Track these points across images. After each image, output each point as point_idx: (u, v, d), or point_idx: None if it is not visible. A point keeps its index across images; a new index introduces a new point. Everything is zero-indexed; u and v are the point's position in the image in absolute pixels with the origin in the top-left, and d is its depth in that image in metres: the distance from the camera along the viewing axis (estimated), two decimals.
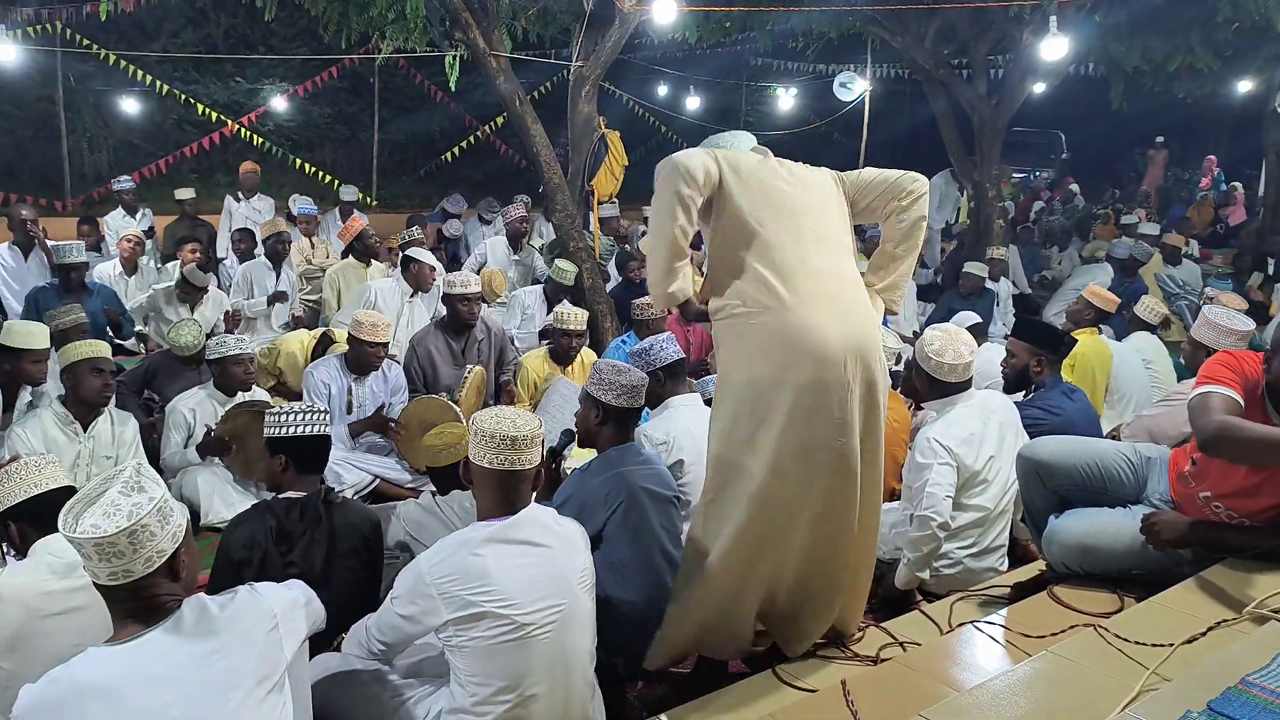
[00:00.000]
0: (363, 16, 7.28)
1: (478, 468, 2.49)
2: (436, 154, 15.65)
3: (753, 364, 2.64)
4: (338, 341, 5.75)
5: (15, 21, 10.60)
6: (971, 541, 3.63)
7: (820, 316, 2.63)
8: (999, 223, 9.82)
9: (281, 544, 2.88)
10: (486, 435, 2.45)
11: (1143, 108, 12.54)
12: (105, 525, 1.79)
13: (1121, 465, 3.14)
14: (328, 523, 2.97)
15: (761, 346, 2.63)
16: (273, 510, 2.94)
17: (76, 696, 1.76)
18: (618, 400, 3.14)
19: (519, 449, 2.45)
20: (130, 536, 1.81)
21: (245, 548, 2.85)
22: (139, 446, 4.44)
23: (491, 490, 2.49)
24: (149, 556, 1.84)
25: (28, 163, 13.85)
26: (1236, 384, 2.62)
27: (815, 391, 2.58)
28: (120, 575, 1.82)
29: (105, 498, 1.84)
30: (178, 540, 1.91)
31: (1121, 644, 2.36)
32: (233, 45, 14.91)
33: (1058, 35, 7.75)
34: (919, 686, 2.50)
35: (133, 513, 1.82)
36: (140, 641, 1.85)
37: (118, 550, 1.80)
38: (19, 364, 4.42)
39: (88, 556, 1.82)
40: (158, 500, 1.87)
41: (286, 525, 2.91)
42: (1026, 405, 4.12)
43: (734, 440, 2.69)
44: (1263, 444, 2.45)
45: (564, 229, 7.19)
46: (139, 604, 1.87)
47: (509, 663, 2.36)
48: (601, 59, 7.19)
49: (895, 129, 19.58)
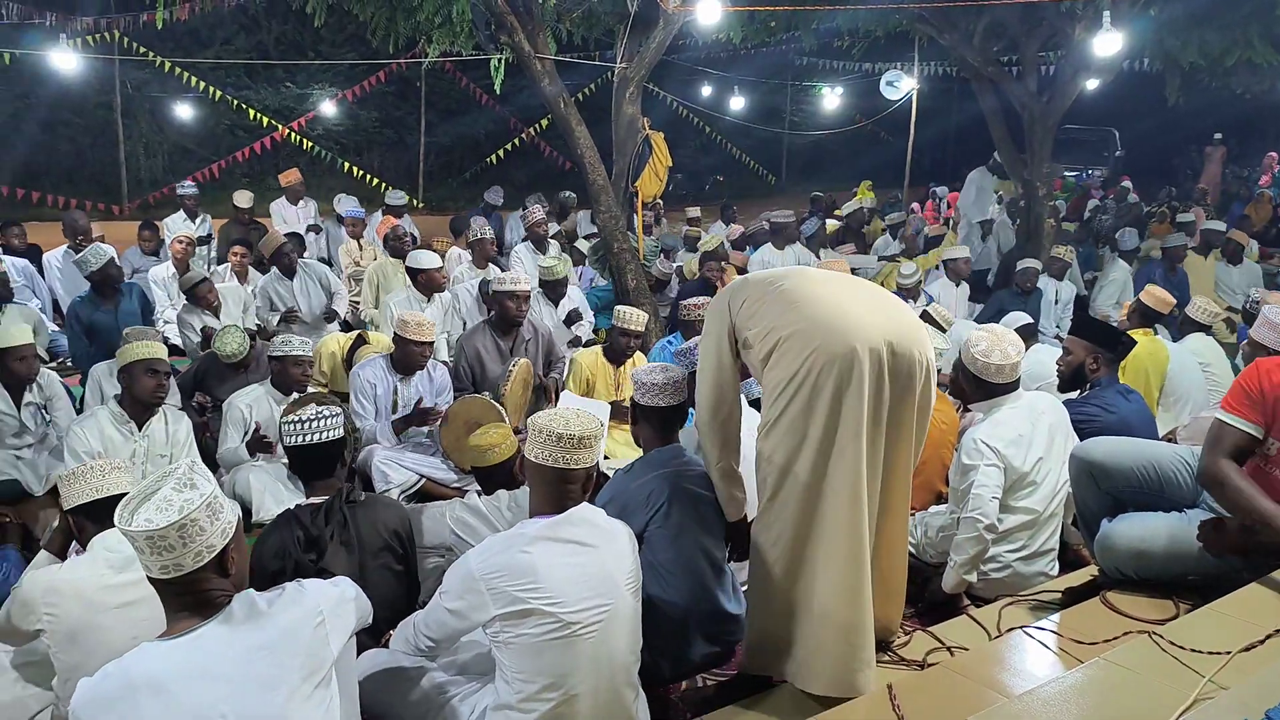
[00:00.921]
0: (410, 21, 7.36)
1: (532, 463, 2.51)
2: (482, 156, 15.81)
3: (787, 361, 2.63)
4: (370, 343, 5.81)
5: (75, 31, 10.91)
6: (1020, 545, 3.57)
7: (846, 305, 2.66)
8: (1050, 222, 9.66)
9: (310, 551, 2.92)
10: (545, 432, 2.48)
11: (1199, 104, 12.26)
12: (157, 519, 1.85)
13: (1179, 468, 3.07)
14: (353, 524, 3.00)
15: (795, 343, 2.62)
16: (298, 518, 2.97)
17: (130, 691, 1.81)
18: (653, 400, 3.16)
19: (575, 448, 2.47)
20: (180, 531, 1.85)
21: (277, 558, 2.90)
22: (192, 445, 4.53)
23: (544, 487, 2.51)
24: (199, 551, 1.88)
25: (86, 168, 14.26)
26: (1255, 413, 2.77)
27: (840, 378, 2.56)
28: (171, 569, 1.87)
29: (159, 494, 1.89)
30: (227, 536, 1.95)
31: (1177, 651, 2.31)
32: (283, 51, 15.21)
33: (1111, 30, 7.61)
34: (966, 692, 2.47)
35: (184, 508, 1.87)
36: (192, 637, 1.89)
37: (168, 544, 1.85)
38: (5, 362, 4.57)
39: (141, 550, 1.87)
40: (208, 496, 1.91)
41: (313, 532, 2.94)
42: (1081, 403, 4.05)
43: (778, 455, 2.68)
44: (1242, 506, 2.72)
45: (608, 230, 7.21)
46: (190, 599, 1.91)
47: (554, 661, 2.37)
48: (645, 60, 7.20)
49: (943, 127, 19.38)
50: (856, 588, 2.66)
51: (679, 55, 14.78)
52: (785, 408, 2.63)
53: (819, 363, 2.56)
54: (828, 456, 2.61)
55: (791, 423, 2.62)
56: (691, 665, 3.09)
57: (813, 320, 2.62)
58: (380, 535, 3.05)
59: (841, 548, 2.65)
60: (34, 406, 4.74)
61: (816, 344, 2.57)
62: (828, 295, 2.70)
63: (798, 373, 2.59)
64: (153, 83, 13.88)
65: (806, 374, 2.58)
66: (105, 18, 11.15)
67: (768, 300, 2.76)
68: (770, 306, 2.74)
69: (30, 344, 4.70)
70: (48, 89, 13.13)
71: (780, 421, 2.64)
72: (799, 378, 2.59)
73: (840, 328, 2.59)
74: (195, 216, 9.14)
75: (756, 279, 2.90)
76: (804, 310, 2.65)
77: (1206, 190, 15.27)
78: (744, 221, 11.52)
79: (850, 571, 2.65)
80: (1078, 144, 17.06)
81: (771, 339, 2.67)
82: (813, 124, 21.38)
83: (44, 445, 4.77)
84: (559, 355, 5.97)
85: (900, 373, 2.64)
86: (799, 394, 2.59)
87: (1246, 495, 2.70)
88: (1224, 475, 2.75)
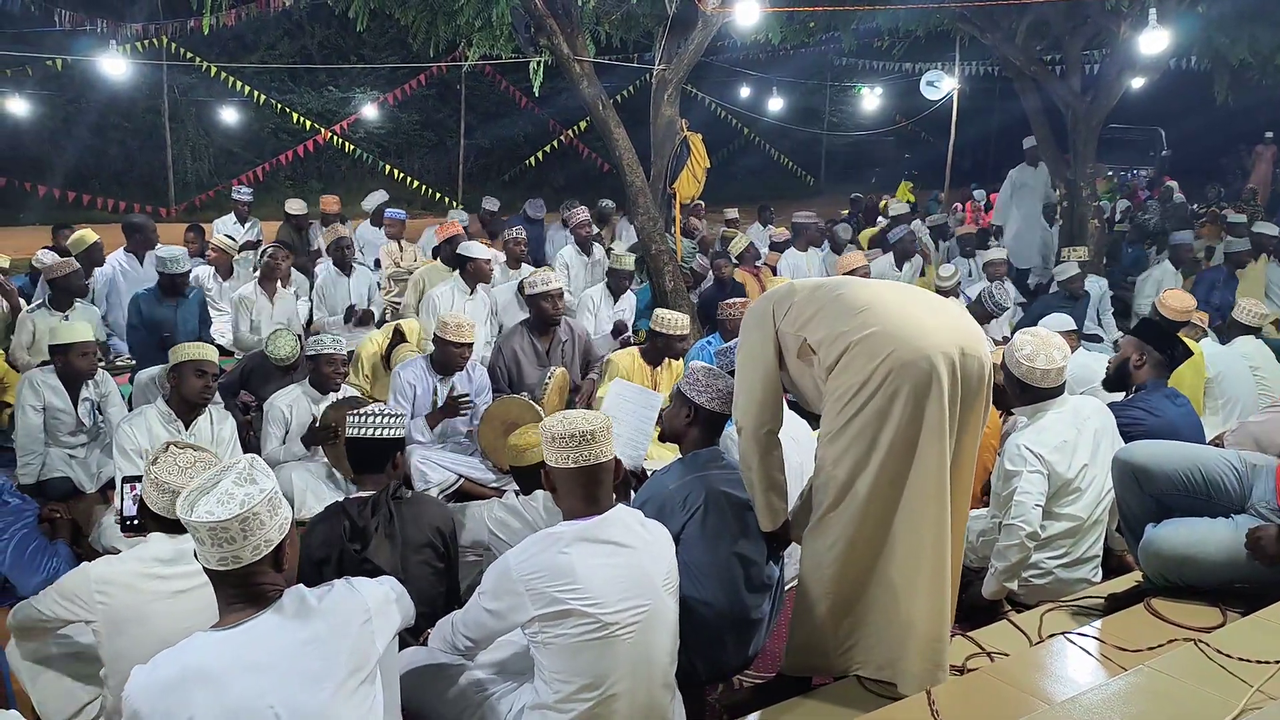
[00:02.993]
0: (450, 25, 7.43)
1: (558, 470, 2.52)
2: (521, 159, 15.90)
3: (858, 366, 2.59)
4: (409, 339, 5.87)
5: (124, 37, 11.13)
6: (1063, 551, 3.53)
7: (914, 310, 2.63)
8: (1094, 222, 9.52)
9: (355, 541, 3.00)
10: (560, 437, 2.49)
11: (1249, 102, 12.01)
12: (219, 511, 1.90)
13: (1226, 472, 3.01)
14: (399, 519, 3.07)
15: (867, 348, 2.58)
16: (346, 510, 3.06)
17: (181, 681, 1.86)
18: (711, 404, 3.15)
19: (594, 443, 2.49)
20: (242, 523, 1.91)
21: (324, 546, 3.00)
22: (237, 444, 4.61)
23: (576, 490, 2.52)
24: (257, 544, 1.94)
25: (135, 171, 14.55)
26: None
27: (917, 383, 2.52)
28: (230, 561, 1.92)
29: (219, 487, 1.94)
30: (284, 532, 2.01)
31: (1224, 660, 2.27)
32: (326, 55, 15.42)
33: (1158, 28, 7.48)
34: (1007, 698, 2.45)
35: (245, 501, 1.92)
36: (245, 628, 1.94)
37: (229, 536, 1.90)
38: (69, 358, 4.71)
39: (201, 541, 1.92)
40: (268, 492, 1.97)
41: (359, 523, 3.02)
42: (1126, 405, 3.99)
43: (845, 461, 2.64)
44: None
45: (646, 232, 7.22)
46: (245, 590, 1.96)
47: (592, 661, 2.38)
48: (684, 62, 7.21)
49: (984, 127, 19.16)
50: (940, 594, 2.64)
51: (717, 57, 14.78)
52: (856, 414, 2.58)
53: (894, 368, 2.52)
54: (906, 463, 2.58)
55: (862, 429, 2.58)
56: (727, 667, 3.10)
57: (886, 326, 2.57)
58: (424, 532, 3.11)
59: (927, 555, 2.62)
60: (89, 403, 4.86)
61: (891, 349, 2.53)
62: (894, 301, 2.67)
63: (870, 379, 2.55)
64: (199, 87, 14.13)
65: (882, 380, 2.53)
66: (153, 24, 11.38)
67: (828, 307, 2.72)
68: (832, 313, 2.69)
69: (93, 340, 4.88)
70: (98, 94, 13.43)
71: (849, 428, 2.60)
72: (872, 384, 2.55)
73: (914, 333, 2.55)
74: (245, 220, 9.28)
75: (805, 286, 2.87)
76: (874, 316, 2.60)
77: (1256, 190, 14.95)
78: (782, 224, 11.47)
79: (935, 580, 2.63)
80: (1123, 144, 16.79)
81: (840, 345, 2.62)
82: (852, 125, 21.24)
83: (96, 443, 4.89)
84: (596, 356, 6.00)
85: (971, 377, 2.61)
86: (872, 400, 2.55)
87: None
88: None
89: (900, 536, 2.64)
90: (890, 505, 2.63)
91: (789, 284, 2.94)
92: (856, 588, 2.73)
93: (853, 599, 2.74)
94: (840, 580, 2.72)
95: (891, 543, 2.66)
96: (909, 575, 2.64)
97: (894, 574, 2.67)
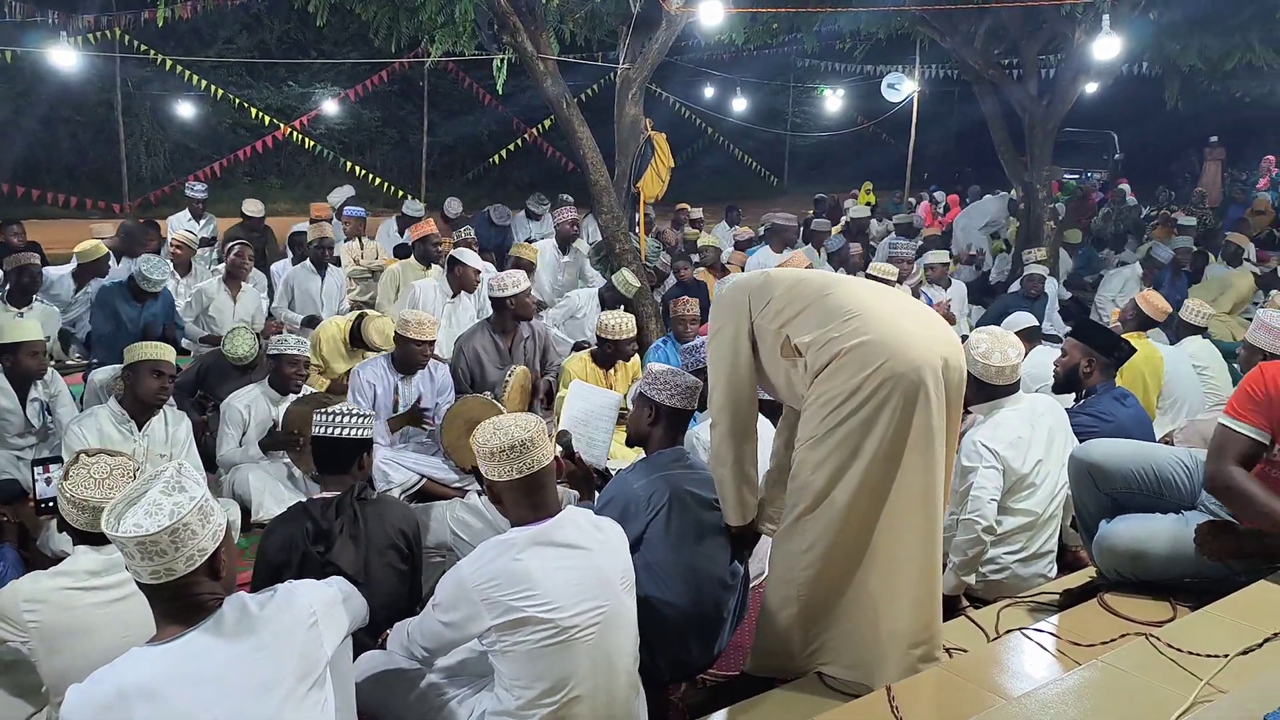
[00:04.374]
0: (412, 21, 7.37)
1: (500, 484, 2.48)
2: (484, 157, 15.80)
3: (847, 373, 2.57)
4: (371, 322, 5.82)
5: (76, 29, 10.89)
6: (1019, 546, 3.58)
7: (902, 319, 2.62)
8: (1049, 224, 9.68)
9: (319, 544, 2.93)
10: (497, 451, 2.44)
11: (1198, 107, 12.28)
12: (147, 524, 1.82)
13: (1177, 469, 3.07)
14: (362, 520, 3.01)
15: (858, 356, 2.56)
16: (308, 511, 2.99)
17: (121, 697, 1.79)
18: (672, 400, 3.15)
19: (531, 449, 2.44)
20: (172, 535, 1.83)
21: (283, 550, 2.90)
22: (192, 445, 4.54)
23: (521, 500, 2.48)
24: (190, 555, 1.86)
25: (87, 166, 14.24)
26: (1261, 418, 2.73)
27: (906, 394, 2.52)
28: (163, 574, 1.85)
29: (147, 498, 1.87)
30: (218, 539, 1.93)
31: (1174, 654, 2.31)
32: (285, 50, 15.20)
33: (1111, 34, 7.62)
34: (965, 694, 2.47)
35: (174, 512, 1.84)
36: (183, 641, 1.87)
37: (160, 549, 1.83)
38: (17, 356, 4.61)
39: (130, 555, 1.84)
40: (198, 500, 1.89)
41: (323, 525, 2.95)
42: (1076, 412, 4.05)
43: (826, 467, 2.62)
44: (1256, 509, 2.69)
45: (610, 231, 7.21)
46: (181, 603, 1.89)
47: (553, 666, 2.37)
48: (648, 61, 7.21)
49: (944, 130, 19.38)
50: (930, 604, 2.66)
51: (681, 56, 14.78)
52: (842, 421, 2.56)
53: (885, 379, 2.50)
54: (890, 474, 2.57)
55: (846, 436, 2.56)
56: (691, 666, 3.11)
57: (879, 335, 2.54)
58: (387, 533, 3.06)
59: (914, 564, 2.63)
60: (39, 404, 4.76)
61: (883, 360, 2.51)
62: (886, 311, 2.64)
63: (860, 387, 2.53)
64: (154, 81, 13.87)
65: (873, 390, 2.52)
66: (106, 15, 11.13)
67: (814, 307, 2.68)
68: (820, 314, 2.65)
69: (43, 340, 4.78)
70: (48, 87, 13.12)
71: (833, 435, 2.58)
72: (862, 393, 2.53)
73: (905, 344, 2.54)
74: (200, 217, 9.15)
75: (782, 280, 2.82)
76: (865, 324, 2.57)
77: (1205, 193, 15.29)
78: (748, 223, 11.52)
79: (923, 587, 2.64)
80: (1078, 147, 17.07)
81: (830, 350, 2.58)
82: (815, 126, 21.37)
83: (46, 444, 4.78)
84: (556, 355, 5.99)
85: (953, 386, 2.63)
86: (861, 410, 2.53)
87: (1259, 499, 2.67)
88: (1232, 480, 2.72)
89: (881, 546, 2.63)
90: (871, 515, 2.62)
91: (764, 274, 2.89)
92: (832, 595, 2.72)
93: (827, 605, 2.73)
94: (815, 585, 2.71)
95: (873, 551, 2.65)
96: (890, 585, 2.64)
97: (874, 584, 2.65)
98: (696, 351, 4.39)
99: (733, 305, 2.86)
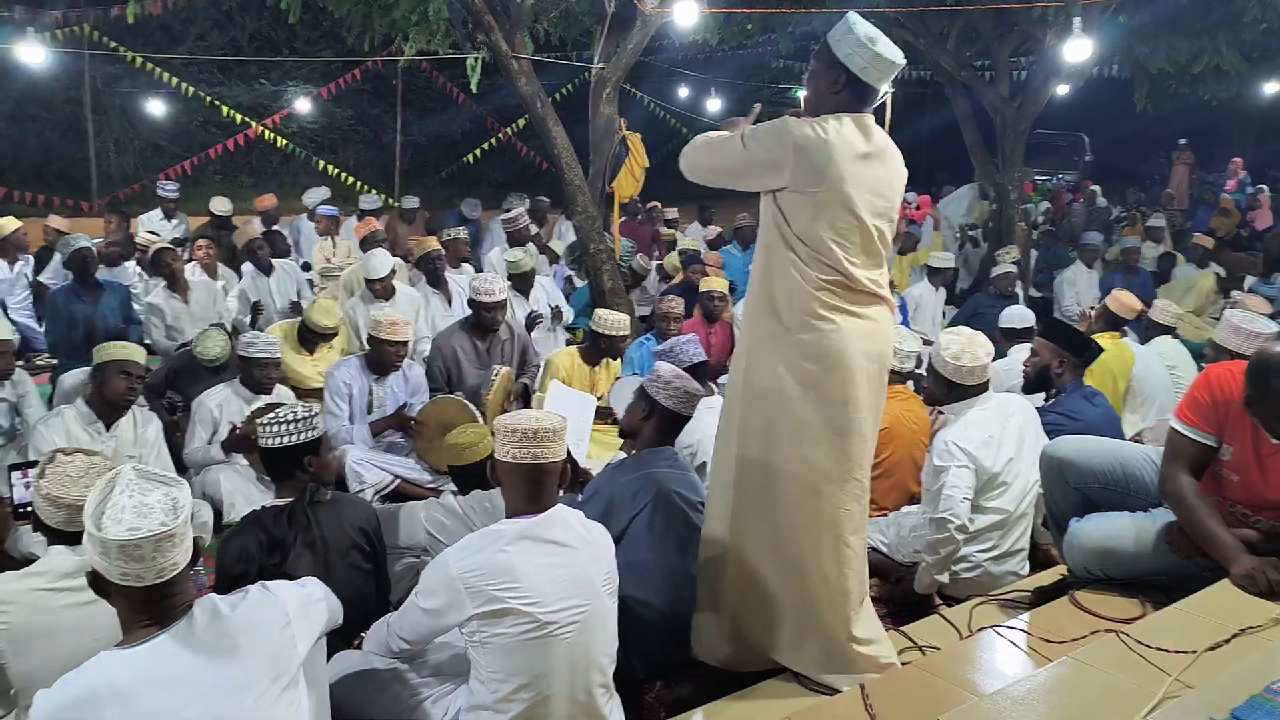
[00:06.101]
0: (386, 19, 7.31)
1: (505, 464, 2.50)
2: (458, 156, 15.72)
3: (785, 376, 2.70)
4: (310, 307, 5.71)
5: (44, 24, 10.72)
6: (991, 545, 3.61)
7: (860, 342, 2.70)
8: (1021, 225, 9.76)
9: (274, 555, 2.87)
10: (511, 430, 2.47)
11: (1168, 110, 12.42)
12: (142, 526, 1.80)
13: (1145, 467, 3.11)
14: (317, 525, 2.97)
15: (803, 361, 2.68)
16: (260, 522, 2.93)
17: (91, 700, 1.77)
18: (669, 402, 3.18)
19: (544, 442, 2.46)
20: (156, 543, 1.80)
21: (240, 562, 2.86)
22: (162, 446, 4.48)
23: (519, 486, 2.50)
24: (162, 568, 1.83)
25: (55, 164, 14.03)
26: (1207, 422, 2.81)
27: (841, 408, 2.69)
28: (131, 579, 1.82)
29: (150, 498, 1.84)
30: (188, 557, 1.90)
31: (1144, 650, 2.34)
32: (257, 48, 15.05)
33: (1081, 37, 7.69)
34: (938, 691, 2.49)
35: (166, 521, 1.82)
36: (154, 644, 1.84)
37: (140, 555, 1.80)
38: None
39: (106, 554, 1.80)
40: (185, 516, 1.87)
41: (276, 535, 2.90)
42: (1046, 411, 4.09)
43: (767, 449, 2.75)
44: (1193, 527, 2.77)
45: (584, 231, 7.20)
46: (152, 606, 1.86)
47: (530, 661, 2.37)
48: (623, 61, 7.20)
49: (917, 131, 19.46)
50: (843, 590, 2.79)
51: (656, 57, 14.79)
52: (772, 421, 2.72)
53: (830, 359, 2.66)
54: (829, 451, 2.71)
55: (780, 441, 2.72)
56: (666, 665, 3.11)
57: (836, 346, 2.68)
58: (347, 534, 3.02)
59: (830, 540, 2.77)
60: (6, 404, 4.68)
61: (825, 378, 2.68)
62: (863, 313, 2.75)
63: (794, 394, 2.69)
64: (124, 78, 13.69)
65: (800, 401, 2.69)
66: (75, 11, 10.98)
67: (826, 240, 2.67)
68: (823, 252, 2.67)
69: (10, 340, 4.73)
70: (15, 83, 12.92)
71: (771, 434, 2.74)
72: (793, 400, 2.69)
73: (851, 367, 2.69)
74: (172, 216, 9.03)
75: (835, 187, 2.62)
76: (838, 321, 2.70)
77: (1174, 195, 15.48)
78: (721, 222, 11.54)
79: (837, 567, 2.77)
80: (1049, 149, 17.24)
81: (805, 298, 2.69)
82: None
83: (14, 445, 4.70)
84: (534, 355, 5.97)
85: (885, 369, 2.79)
86: (788, 419, 2.70)
87: (1197, 517, 2.77)
88: (1179, 492, 2.81)
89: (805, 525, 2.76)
90: (796, 491, 2.74)
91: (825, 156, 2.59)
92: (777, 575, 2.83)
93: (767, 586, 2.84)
94: (752, 565, 2.84)
95: (803, 531, 2.76)
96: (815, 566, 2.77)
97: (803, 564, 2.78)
98: (669, 353, 4.41)
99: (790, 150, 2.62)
